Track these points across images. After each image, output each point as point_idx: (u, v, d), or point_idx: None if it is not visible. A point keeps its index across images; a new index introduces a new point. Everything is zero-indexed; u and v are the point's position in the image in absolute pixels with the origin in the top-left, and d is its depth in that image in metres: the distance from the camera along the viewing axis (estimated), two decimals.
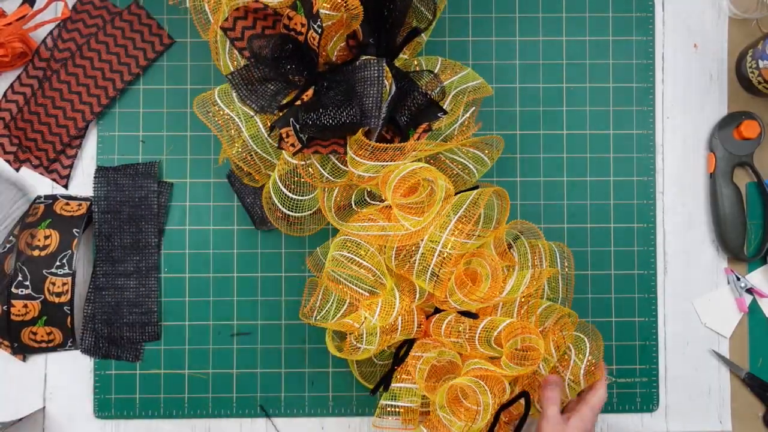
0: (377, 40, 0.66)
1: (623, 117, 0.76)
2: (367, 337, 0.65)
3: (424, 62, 0.70)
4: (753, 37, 0.75)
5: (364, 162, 0.62)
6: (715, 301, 0.75)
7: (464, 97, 0.68)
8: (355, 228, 0.65)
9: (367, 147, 0.62)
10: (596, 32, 0.76)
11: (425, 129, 0.66)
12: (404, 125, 0.66)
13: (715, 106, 0.76)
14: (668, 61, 0.76)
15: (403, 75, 0.66)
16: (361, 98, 0.63)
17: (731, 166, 0.74)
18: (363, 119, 0.63)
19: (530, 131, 0.75)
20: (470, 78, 0.69)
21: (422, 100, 0.65)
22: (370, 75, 0.63)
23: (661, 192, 0.76)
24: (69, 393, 0.74)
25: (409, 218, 0.62)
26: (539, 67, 0.76)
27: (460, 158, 0.69)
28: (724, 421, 0.75)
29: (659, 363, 0.75)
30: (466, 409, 0.63)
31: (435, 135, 0.68)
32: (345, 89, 0.63)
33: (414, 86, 0.65)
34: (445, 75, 0.69)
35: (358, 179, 0.64)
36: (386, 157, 0.62)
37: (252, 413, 0.74)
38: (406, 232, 0.62)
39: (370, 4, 0.63)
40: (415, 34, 0.68)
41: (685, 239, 0.76)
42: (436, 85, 0.66)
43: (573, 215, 0.75)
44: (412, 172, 0.61)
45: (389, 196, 0.62)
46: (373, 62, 0.63)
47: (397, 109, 0.65)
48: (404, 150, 0.62)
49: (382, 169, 0.63)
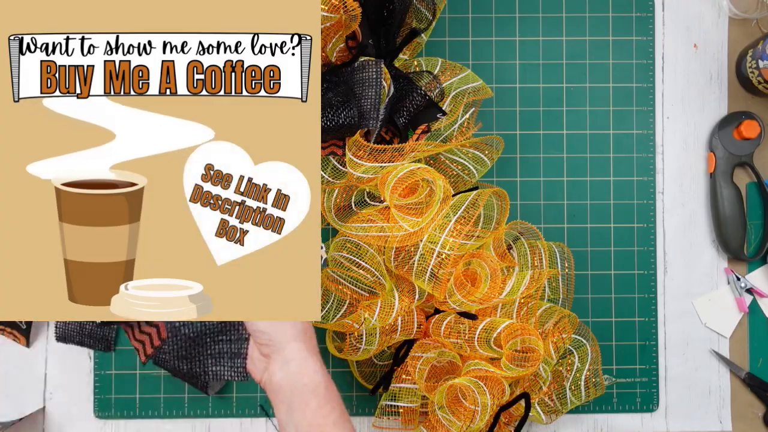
0: (377, 40, 0.66)
1: (623, 117, 0.76)
2: (366, 338, 0.65)
3: (424, 63, 0.70)
4: (753, 37, 0.75)
5: (362, 163, 0.62)
6: (715, 301, 0.75)
7: (464, 99, 0.68)
8: (354, 229, 0.65)
9: (365, 148, 0.62)
10: (596, 32, 0.76)
11: (424, 130, 0.66)
12: (403, 126, 0.66)
13: (715, 106, 0.76)
14: (668, 61, 0.76)
15: (403, 76, 0.66)
16: (360, 100, 0.63)
17: (731, 166, 0.74)
18: (361, 121, 0.63)
19: (530, 131, 0.75)
20: (470, 79, 0.69)
21: (421, 101, 0.65)
22: (368, 76, 0.63)
23: (661, 192, 0.76)
24: (69, 393, 0.74)
25: (408, 219, 0.62)
26: (539, 67, 0.76)
27: (460, 158, 0.69)
28: (724, 421, 0.75)
29: (659, 363, 0.75)
30: (465, 410, 0.64)
31: (435, 135, 0.68)
32: (343, 90, 0.63)
33: (413, 87, 0.65)
34: (445, 76, 0.69)
35: (357, 180, 0.64)
36: (385, 158, 0.62)
37: (252, 413, 0.74)
38: (405, 233, 0.62)
39: (369, 5, 0.63)
40: (415, 34, 0.68)
41: (685, 239, 0.76)
42: (435, 86, 0.66)
43: (573, 215, 0.75)
44: (411, 172, 0.62)
45: (387, 197, 0.63)
46: (371, 63, 0.63)
47: (395, 109, 0.65)
48: (403, 151, 0.62)
49: (381, 170, 0.63)
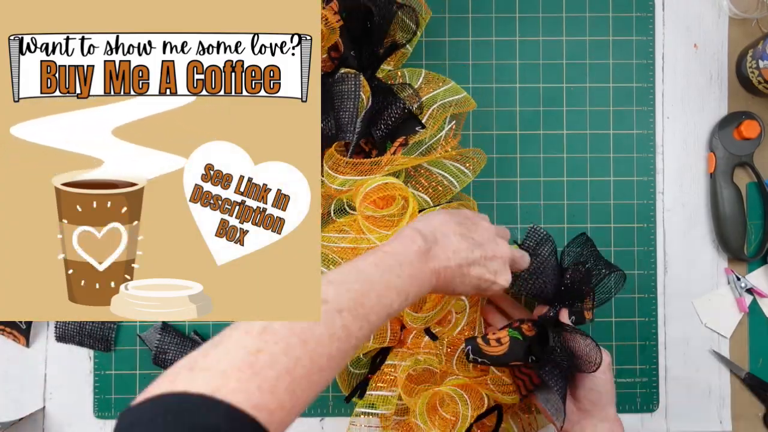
0: (359, 52, 0.66)
1: (623, 117, 0.76)
2: None
3: (408, 74, 0.70)
4: (753, 37, 0.75)
5: (337, 176, 0.63)
6: (715, 301, 0.75)
7: (446, 111, 0.68)
8: (326, 239, 0.65)
9: (341, 162, 0.62)
10: (596, 32, 0.76)
11: (402, 143, 0.66)
12: (379, 139, 0.66)
13: (715, 106, 0.76)
14: (668, 61, 0.76)
15: (384, 88, 0.66)
16: (338, 112, 0.63)
17: (731, 166, 0.74)
18: (339, 133, 0.63)
19: (530, 131, 0.75)
20: (453, 92, 0.69)
21: (400, 114, 0.65)
22: (347, 89, 0.63)
23: (661, 192, 0.76)
24: (69, 393, 0.74)
25: (376, 231, 0.62)
26: (539, 67, 0.76)
27: (441, 171, 0.69)
28: (724, 421, 0.75)
29: (659, 363, 0.75)
30: (440, 418, 0.64)
31: (416, 146, 0.68)
32: (322, 101, 0.63)
33: (393, 99, 0.65)
34: (428, 88, 0.69)
35: (335, 192, 0.64)
36: (363, 171, 0.63)
37: None
38: (372, 246, 0.62)
39: (351, 17, 0.64)
40: (396, 47, 0.68)
41: (685, 239, 0.76)
42: (415, 100, 0.67)
43: (573, 215, 0.75)
44: (382, 185, 0.62)
45: (357, 206, 0.63)
46: (350, 76, 0.63)
47: (374, 121, 0.66)
48: (380, 164, 0.63)
49: (357, 182, 0.63)
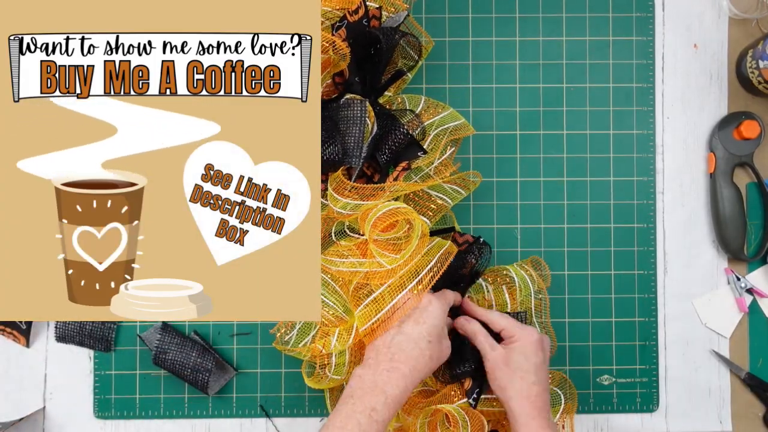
0: (363, 78, 0.67)
1: (623, 117, 0.76)
2: (335, 368, 0.65)
3: (408, 100, 0.71)
4: (753, 37, 0.75)
5: (341, 199, 0.62)
6: (715, 301, 0.75)
7: (445, 137, 0.68)
8: (328, 262, 0.65)
9: (346, 185, 0.62)
10: (596, 32, 0.76)
11: (404, 167, 0.66)
12: (384, 163, 0.66)
13: (715, 106, 0.76)
14: (668, 61, 0.76)
15: (387, 113, 0.67)
16: (344, 137, 0.63)
17: (731, 166, 0.74)
18: (344, 157, 0.63)
19: (530, 131, 0.75)
20: (451, 118, 0.70)
21: (403, 139, 0.65)
22: (353, 114, 0.63)
23: (661, 192, 0.76)
24: (69, 393, 0.74)
25: (385, 255, 0.62)
26: (539, 67, 0.76)
27: (439, 194, 0.70)
28: (724, 421, 0.75)
29: (659, 363, 0.75)
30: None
31: (415, 172, 0.69)
32: (328, 126, 0.63)
33: (396, 125, 0.66)
34: (427, 114, 0.70)
35: (337, 214, 0.64)
36: (366, 195, 0.63)
37: (252, 413, 0.74)
38: (382, 269, 0.62)
39: (357, 45, 0.64)
40: (400, 74, 0.69)
41: (685, 239, 0.76)
42: (417, 125, 0.67)
43: (573, 215, 0.75)
44: (393, 211, 0.62)
45: (367, 232, 0.63)
46: (356, 102, 0.63)
47: (378, 146, 0.66)
48: (383, 189, 0.63)
49: (361, 206, 0.63)
